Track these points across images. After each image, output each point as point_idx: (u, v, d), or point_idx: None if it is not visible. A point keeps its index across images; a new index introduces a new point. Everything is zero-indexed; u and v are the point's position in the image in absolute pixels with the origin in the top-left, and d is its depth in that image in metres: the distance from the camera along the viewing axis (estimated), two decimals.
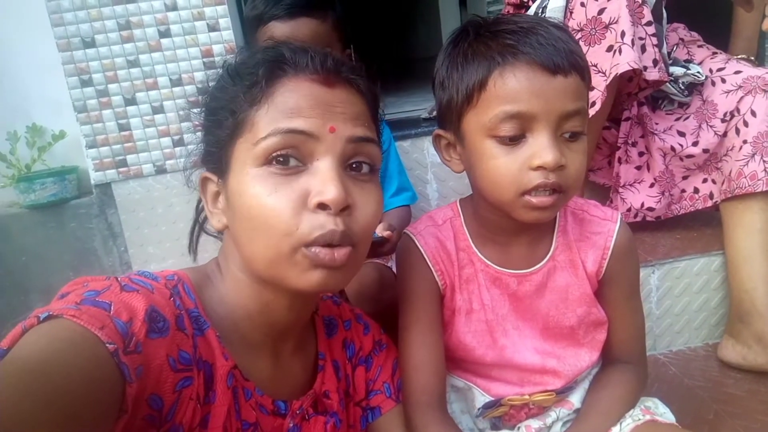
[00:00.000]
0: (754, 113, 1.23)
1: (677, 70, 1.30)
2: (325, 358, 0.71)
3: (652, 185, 1.38)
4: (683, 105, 1.36)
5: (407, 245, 0.80)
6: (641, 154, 1.39)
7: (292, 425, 0.63)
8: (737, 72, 1.29)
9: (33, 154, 1.65)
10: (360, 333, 0.77)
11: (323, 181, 0.54)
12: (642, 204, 1.38)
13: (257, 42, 1.22)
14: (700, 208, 1.37)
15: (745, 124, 1.24)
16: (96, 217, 1.63)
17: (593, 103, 1.15)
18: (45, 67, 1.60)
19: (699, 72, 1.31)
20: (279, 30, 1.17)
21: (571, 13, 1.18)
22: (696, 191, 1.37)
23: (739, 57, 1.39)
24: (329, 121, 0.55)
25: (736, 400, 1.11)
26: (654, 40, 1.16)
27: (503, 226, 0.76)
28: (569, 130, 0.66)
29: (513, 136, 0.66)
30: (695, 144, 1.31)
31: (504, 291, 0.78)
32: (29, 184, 1.57)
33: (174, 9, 1.51)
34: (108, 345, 0.43)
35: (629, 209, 1.39)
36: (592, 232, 0.79)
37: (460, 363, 0.82)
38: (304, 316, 0.67)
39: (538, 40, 0.65)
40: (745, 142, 1.23)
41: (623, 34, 1.10)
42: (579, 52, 0.68)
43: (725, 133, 1.28)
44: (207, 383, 0.55)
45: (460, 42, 0.71)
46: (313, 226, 0.53)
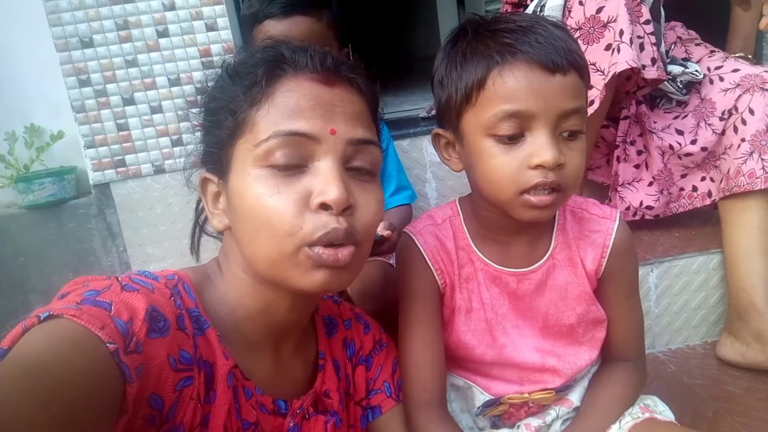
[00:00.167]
0: (752, 111, 1.23)
1: (675, 68, 1.30)
2: (326, 357, 0.71)
3: (650, 184, 1.38)
4: (681, 103, 1.36)
5: (407, 244, 0.80)
6: (640, 152, 1.39)
7: (292, 424, 0.63)
8: (735, 70, 1.29)
9: (31, 154, 1.65)
10: (360, 332, 0.77)
11: (325, 182, 0.54)
12: (641, 202, 1.38)
13: (253, 41, 1.21)
14: (698, 206, 1.38)
15: (743, 122, 1.24)
16: (95, 217, 1.62)
17: (592, 102, 1.15)
18: (43, 68, 1.59)
19: (697, 70, 1.31)
20: (274, 28, 1.16)
21: (570, 12, 1.18)
22: (694, 189, 1.37)
23: (737, 55, 1.39)
24: (330, 122, 0.55)
25: (734, 397, 1.11)
26: (652, 38, 1.16)
27: (502, 224, 0.76)
28: (568, 128, 0.66)
29: (512, 135, 0.66)
30: (693, 142, 1.32)
31: (503, 290, 0.78)
32: (28, 184, 1.57)
33: (172, 9, 1.51)
34: (108, 345, 0.43)
35: (628, 208, 1.39)
36: (591, 230, 0.79)
37: (460, 362, 0.82)
38: (304, 315, 0.67)
39: (536, 38, 0.65)
40: (743, 140, 1.23)
41: (622, 32, 1.10)
42: (578, 50, 0.68)
43: (723, 132, 1.28)
44: (207, 383, 0.55)
45: (458, 41, 0.71)
46: (316, 226, 0.53)
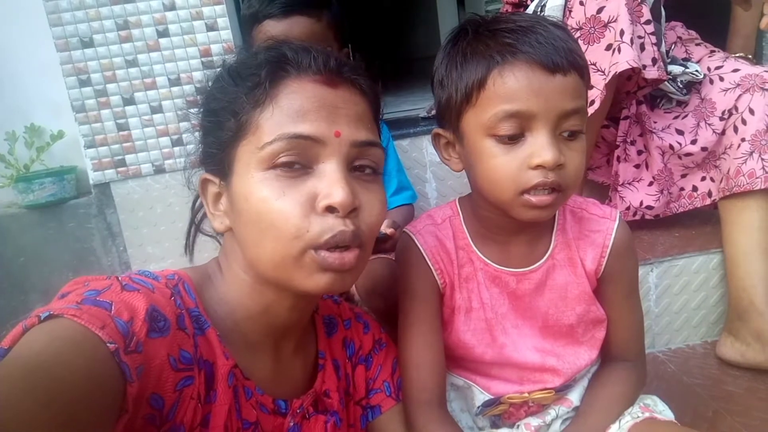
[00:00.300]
0: (752, 111, 1.23)
1: (676, 68, 1.30)
2: (326, 357, 0.71)
3: (650, 184, 1.38)
4: (682, 103, 1.36)
5: (407, 244, 0.80)
6: (640, 152, 1.39)
7: (292, 424, 0.63)
8: (735, 70, 1.29)
9: (31, 154, 1.65)
10: (360, 332, 0.77)
11: (330, 184, 0.54)
12: (641, 202, 1.38)
13: (253, 41, 1.21)
14: (698, 206, 1.37)
15: (743, 122, 1.24)
16: (95, 217, 1.62)
17: (592, 102, 1.15)
18: (43, 67, 1.59)
19: (697, 70, 1.31)
20: (274, 28, 1.16)
21: (570, 12, 1.18)
22: (694, 189, 1.37)
23: (737, 55, 1.39)
24: (334, 124, 0.55)
25: (734, 397, 1.11)
26: (653, 38, 1.16)
27: (502, 224, 0.76)
28: (568, 129, 0.66)
29: (512, 135, 0.66)
30: (694, 142, 1.32)
31: (503, 289, 0.78)
32: (28, 184, 1.57)
33: (172, 9, 1.51)
34: (109, 344, 0.43)
35: (628, 207, 1.39)
36: (591, 230, 0.79)
37: (459, 361, 0.82)
38: (305, 315, 0.67)
39: (537, 38, 0.65)
40: (744, 140, 1.23)
41: (622, 32, 1.10)
42: (578, 50, 0.68)
43: (723, 132, 1.28)
44: (208, 382, 0.55)
45: (459, 41, 0.71)
46: (323, 229, 0.53)
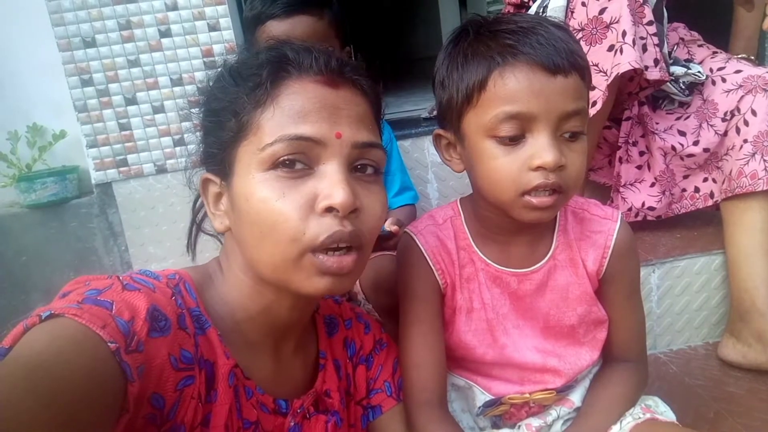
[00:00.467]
0: (754, 112, 1.23)
1: (678, 69, 1.30)
2: (326, 357, 0.71)
3: (652, 184, 1.38)
4: (684, 104, 1.36)
5: (408, 244, 0.80)
6: (642, 153, 1.39)
7: (293, 424, 0.63)
8: (737, 71, 1.29)
9: (34, 153, 1.65)
10: (361, 332, 0.77)
11: (331, 185, 0.54)
12: (643, 203, 1.38)
13: (256, 42, 1.22)
14: (700, 207, 1.37)
15: (746, 123, 1.24)
16: (96, 217, 1.63)
17: (594, 103, 1.15)
18: (45, 67, 1.60)
19: (699, 71, 1.31)
20: (277, 28, 1.17)
21: (572, 13, 1.18)
22: (697, 190, 1.37)
23: (740, 56, 1.39)
24: (335, 125, 0.55)
25: (736, 398, 1.11)
26: (655, 39, 1.16)
27: (503, 225, 0.76)
28: (569, 130, 0.66)
29: (513, 136, 0.66)
30: (696, 143, 1.31)
31: (504, 290, 0.78)
32: (30, 183, 1.57)
33: (174, 9, 1.51)
34: (110, 344, 0.43)
35: (630, 208, 1.39)
36: (592, 231, 0.79)
37: (460, 362, 0.82)
38: (305, 315, 0.67)
39: (538, 40, 0.65)
40: (746, 141, 1.23)
41: (624, 33, 1.10)
42: (579, 51, 0.68)
43: (726, 133, 1.28)
44: (208, 382, 0.55)
45: (460, 41, 0.71)
46: (321, 229, 0.53)
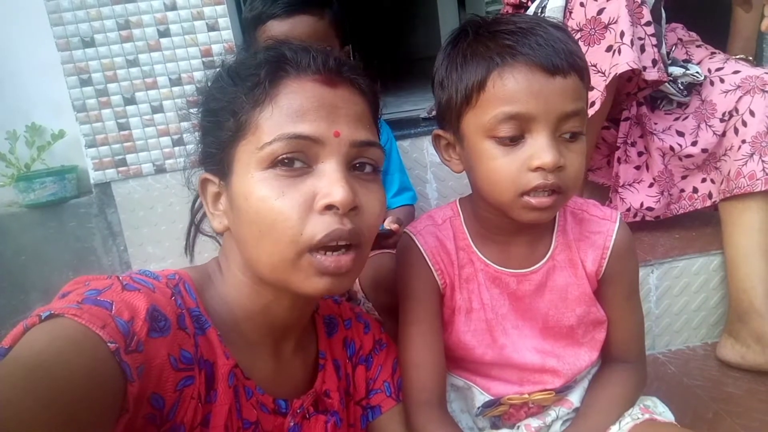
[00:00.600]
0: (752, 113, 1.23)
1: (676, 70, 1.30)
2: (326, 357, 0.71)
3: (651, 185, 1.38)
4: (682, 105, 1.36)
5: (407, 244, 0.80)
6: (640, 154, 1.39)
7: (292, 424, 0.63)
8: (736, 72, 1.29)
9: (32, 153, 1.65)
10: (360, 332, 0.77)
11: (330, 183, 0.54)
12: (641, 204, 1.38)
13: (256, 43, 1.22)
14: (699, 207, 1.37)
15: (744, 123, 1.24)
16: (95, 217, 1.63)
17: (592, 103, 1.15)
18: (44, 67, 1.60)
19: (698, 72, 1.31)
20: (277, 28, 1.18)
21: (571, 13, 1.18)
22: (695, 191, 1.37)
23: (738, 57, 1.39)
24: (333, 124, 0.55)
25: (734, 399, 1.11)
26: (653, 40, 1.16)
27: (502, 225, 0.76)
28: (568, 130, 0.66)
29: (512, 136, 0.66)
30: (694, 144, 1.32)
31: (504, 290, 0.78)
32: (29, 183, 1.57)
33: (173, 9, 1.51)
34: (109, 344, 0.43)
35: (628, 209, 1.39)
36: (591, 231, 0.79)
37: (459, 362, 0.82)
38: (305, 315, 0.67)
39: (536, 40, 0.65)
40: (744, 141, 1.23)
41: (622, 34, 1.10)
42: (578, 52, 0.68)
43: (724, 133, 1.28)
44: (208, 382, 0.55)
45: (459, 42, 0.71)
46: (320, 227, 0.53)
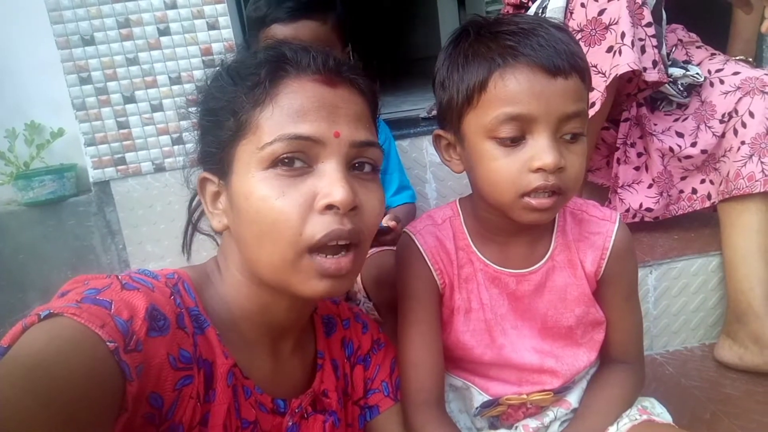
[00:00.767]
0: (752, 114, 1.23)
1: (676, 71, 1.30)
2: (324, 357, 0.71)
3: (650, 186, 1.38)
4: (682, 106, 1.36)
5: (407, 244, 0.80)
6: (640, 154, 1.39)
7: (291, 424, 0.63)
8: (736, 73, 1.29)
9: (31, 151, 1.65)
10: (358, 332, 0.77)
11: (330, 183, 0.54)
12: (640, 204, 1.38)
13: (258, 43, 1.22)
14: (698, 208, 1.38)
15: (743, 125, 1.24)
16: (94, 215, 1.62)
17: (593, 104, 1.15)
18: (44, 65, 1.60)
19: (698, 73, 1.31)
20: (281, 32, 1.18)
21: (572, 14, 1.18)
22: (694, 192, 1.37)
23: (738, 58, 1.39)
24: (334, 125, 0.55)
25: (732, 400, 1.11)
26: (654, 41, 1.17)
27: (502, 226, 0.76)
28: (569, 131, 0.66)
29: (513, 137, 0.66)
30: (693, 145, 1.32)
31: (503, 290, 0.78)
32: (28, 181, 1.57)
33: (173, 7, 1.51)
34: (108, 343, 0.43)
35: (628, 210, 1.39)
36: (591, 232, 0.79)
37: (458, 362, 0.82)
38: (303, 316, 0.67)
39: (538, 41, 0.65)
40: (743, 143, 1.23)
41: (623, 35, 1.11)
42: (579, 53, 0.68)
43: (723, 134, 1.28)
44: (207, 381, 0.55)
45: (460, 42, 0.71)
46: (320, 227, 0.53)
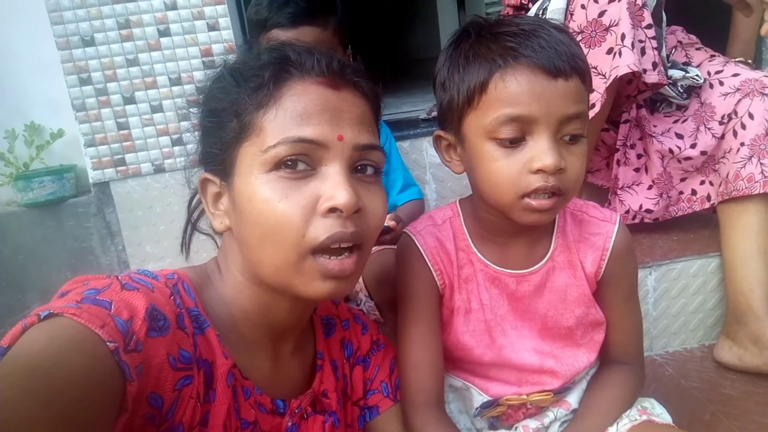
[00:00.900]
0: (751, 116, 1.23)
1: (676, 72, 1.30)
2: (324, 357, 0.71)
3: (650, 187, 1.38)
4: (681, 107, 1.36)
5: (407, 244, 0.80)
6: (639, 156, 1.39)
7: (290, 424, 0.63)
8: (735, 75, 1.29)
9: (31, 152, 1.65)
10: (358, 333, 0.77)
11: (334, 186, 0.54)
12: (640, 206, 1.38)
13: (259, 46, 1.22)
14: (697, 210, 1.38)
15: (743, 126, 1.24)
16: (94, 216, 1.62)
17: (593, 105, 1.15)
18: (44, 66, 1.60)
19: (697, 75, 1.32)
20: (281, 37, 1.18)
21: (572, 15, 1.18)
22: (694, 193, 1.38)
23: (737, 60, 1.40)
24: (337, 128, 0.56)
25: (732, 401, 1.11)
26: (654, 43, 1.17)
27: (502, 226, 0.76)
28: (569, 133, 0.66)
29: (513, 138, 0.66)
30: (693, 146, 1.32)
31: (503, 291, 0.78)
32: (27, 182, 1.57)
33: (174, 8, 1.51)
34: (108, 343, 0.43)
35: (627, 211, 1.39)
36: (591, 233, 0.79)
37: (458, 363, 0.82)
38: (303, 317, 0.67)
39: (539, 42, 0.65)
40: (743, 144, 1.24)
41: (623, 36, 1.11)
42: (580, 55, 0.68)
43: (723, 136, 1.28)
44: (207, 382, 0.55)
45: (461, 43, 0.71)
46: (323, 230, 0.53)
